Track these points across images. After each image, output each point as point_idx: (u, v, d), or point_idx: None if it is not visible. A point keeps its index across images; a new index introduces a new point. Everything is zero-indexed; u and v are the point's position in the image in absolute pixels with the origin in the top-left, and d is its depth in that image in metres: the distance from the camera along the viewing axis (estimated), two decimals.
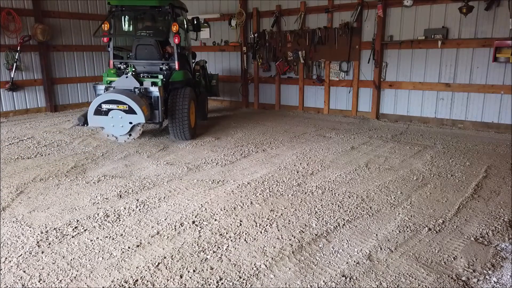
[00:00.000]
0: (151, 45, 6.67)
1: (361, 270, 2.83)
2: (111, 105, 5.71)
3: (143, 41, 6.75)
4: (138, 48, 6.73)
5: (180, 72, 6.63)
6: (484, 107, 7.37)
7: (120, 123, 5.76)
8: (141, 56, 6.75)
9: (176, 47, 6.58)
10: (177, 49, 6.58)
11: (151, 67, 6.75)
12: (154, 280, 2.74)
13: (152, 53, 6.69)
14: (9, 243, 3.27)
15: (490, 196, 4.19)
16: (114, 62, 6.88)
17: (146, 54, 6.72)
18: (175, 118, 6.39)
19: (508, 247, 3.13)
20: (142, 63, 6.75)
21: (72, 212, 3.87)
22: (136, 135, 5.92)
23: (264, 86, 10.20)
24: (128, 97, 5.66)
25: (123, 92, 5.81)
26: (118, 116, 5.72)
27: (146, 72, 6.67)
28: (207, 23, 10.54)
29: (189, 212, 3.84)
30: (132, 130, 5.87)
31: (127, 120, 5.73)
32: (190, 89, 6.65)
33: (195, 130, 7.06)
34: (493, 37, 7.00)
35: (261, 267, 2.88)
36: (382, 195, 4.24)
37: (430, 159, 5.55)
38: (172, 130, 6.54)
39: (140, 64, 6.73)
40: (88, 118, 5.84)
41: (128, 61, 6.79)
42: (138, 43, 6.72)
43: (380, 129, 7.64)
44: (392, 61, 8.20)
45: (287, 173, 5.02)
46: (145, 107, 5.81)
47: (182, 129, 6.46)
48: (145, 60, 6.73)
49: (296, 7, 9.13)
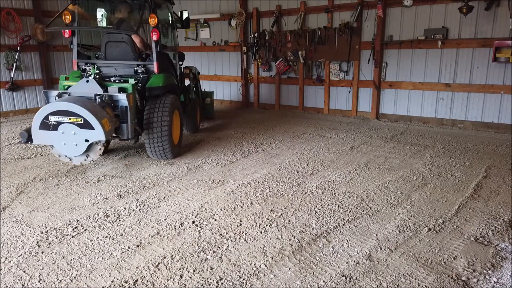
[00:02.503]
0: (124, 42, 5.50)
1: (361, 270, 2.83)
2: (61, 117, 4.43)
3: (114, 37, 5.55)
4: (109, 46, 5.58)
5: (159, 76, 5.43)
6: (484, 107, 7.37)
7: (73, 141, 4.50)
8: (112, 56, 5.60)
9: (155, 45, 5.39)
10: (156, 48, 5.42)
11: (125, 69, 5.58)
12: (154, 280, 2.75)
13: (125, 52, 5.54)
14: (9, 243, 3.27)
15: (490, 196, 4.19)
16: (79, 62, 5.67)
17: (118, 53, 5.56)
18: (152, 133, 5.22)
19: (508, 247, 3.13)
20: (113, 64, 5.58)
21: (72, 212, 3.87)
22: (95, 156, 4.66)
23: (264, 86, 10.20)
24: (83, 107, 4.39)
25: (78, 100, 4.51)
26: (70, 131, 4.45)
27: (119, 75, 5.47)
28: (207, 23, 10.64)
29: (189, 212, 3.84)
30: (90, 150, 4.60)
31: (82, 137, 4.47)
32: (173, 98, 5.50)
33: (179, 147, 5.89)
34: (493, 37, 6.99)
35: (261, 267, 2.88)
36: (382, 195, 4.24)
37: (430, 159, 5.55)
38: (149, 147, 5.36)
39: (110, 66, 5.58)
40: (33, 133, 4.58)
41: (96, 62, 5.61)
42: (108, 40, 5.56)
43: (380, 129, 7.64)
44: (392, 61, 8.20)
45: (287, 173, 5.02)
46: (106, 120, 4.52)
47: (161, 146, 5.30)
48: (116, 60, 5.57)
49: (296, 7, 9.12)
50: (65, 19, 5.47)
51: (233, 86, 10.70)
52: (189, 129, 7.17)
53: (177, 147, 5.76)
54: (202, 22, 10.63)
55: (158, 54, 5.47)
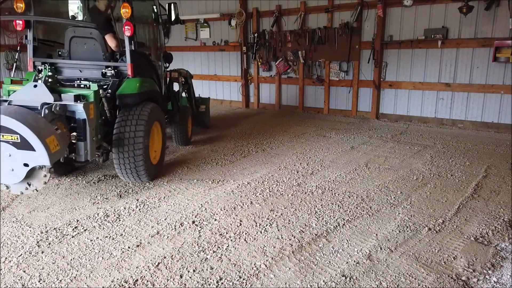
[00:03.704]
0: (93, 39, 4.59)
1: (361, 270, 2.83)
2: None
3: (81, 32, 4.62)
4: (73, 43, 4.65)
5: (134, 81, 4.47)
6: (484, 107, 7.37)
7: (8, 165, 3.46)
8: (77, 55, 4.69)
9: (129, 42, 4.42)
10: (130, 45, 4.43)
11: (92, 71, 4.66)
12: (154, 280, 2.75)
13: (93, 50, 4.62)
14: (9, 243, 3.27)
15: (490, 196, 4.19)
16: (36, 62, 4.70)
17: (86, 51, 4.64)
18: (122, 151, 4.29)
19: (508, 247, 3.13)
20: (78, 65, 4.67)
21: (72, 212, 3.87)
22: (39, 185, 3.59)
23: (264, 86, 10.20)
24: (21, 121, 3.35)
25: (14, 112, 3.47)
26: (5, 152, 3.42)
27: (84, 79, 4.57)
28: (207, 23, 10.64)
29: (189, 212, 3.84)
30: (32, 177, 3.55)
31: (19, 160, 3.43)
32: (152, 107, 4.56)
33: (160, 166, 4.94)
34: (493, 37, 6.99)
35: (261, 267, 2.88)
36: (382, 195, 4.24)
37: (430, 159, 5.55)
38: (118, 168, 4.41)
39: (74, 67, 4.68)
40: None
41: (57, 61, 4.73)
42: (74, 35, 4.65)
43: (380, 129, 7.64)
44: (392, 61, 8.19)
45: (287, 173, 5.02)
46: (54, 138, 3.49)
47: (133, 167, 4.37)
48: (82, 60, 4.67)
49: (296, 7, 9.12)
50: (17, 8, 4.42)
51: (233, 86, 10.69)
52: (179, 142, 6.29)
53: (156, 167, 4.79)
54: (202, 22, 10.63)
55: (133, 53, 4.49)
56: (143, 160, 4.37)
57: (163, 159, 5.06)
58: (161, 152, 4.98)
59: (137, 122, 4.32)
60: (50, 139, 3.47)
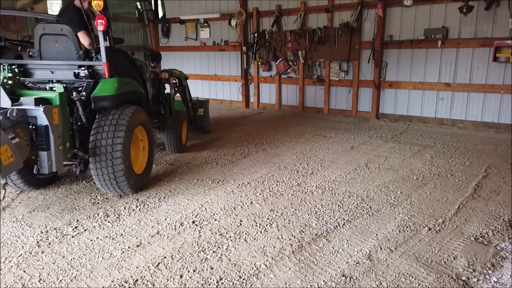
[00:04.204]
0: (65, 36, 4.16)
1: (361, 270, 2.83)
2: None
3: (51, 29, 4.21)
4: (44, 41, 4.25)
5: (111, 82, 4.04)
6: (484, 107, 7.37)
7: None
8: (48, 54, 4.28)
9: (104, 38, 3.95)
10: (104, 42, 3.96)
11: (64, 72, 4.21)
12: (154, 280, 2.75)
13: (65, 49, 4.21)
14: (9, 243, 3.27)
15: (490, 196, 4.19)
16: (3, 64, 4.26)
17: (57, 50, 4.24)
18: (100, 160, 3.88)
19: (508, 247, 3.13)
20: (49, 65, 4.23)
21: (72, 212, 3.87)
22: None
23: (264, 86, 10.20)
24: None
25: None
26: None
27: (58, 80, 4.17)
28: (207, 22, 10.64)
29: (189, 212, 3.84)
30: None
31: None
32: (134, 110, 4.15)
33: (146, 176, 4.51)
34: (493, 36, 6.99)
35: (261, 267, 2.88)
36: (382, 195, 4.24)
37: (430, 158, 5.55)
38: (96, 178, 3.99)
39: (46, 67, 4.25)
40: None
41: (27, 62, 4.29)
42: (44, 32, 4.22)
43: (380, 128, 7.64)
44: (392, 61, 8.19)
45: (287, 172, 5.02)
46: (7, 147, 3.07)
47: (112, 178, 3.95)
48: (54, 60, 4.25)
49: (296, 7, 9.12)
50: None
51: (233, 86, 10.69)
52: (171, 149, 5.82)
53: (141, 177, 4.38)
54: (202, 22, 10.63)
55: (109, 51, 4.03)
56: (124, 170, 3.93)
57: (150, 167, 4.64)
58: (148, 160, 4.54)
59: (115, 128, 3.90)
60: (2, 149, 3.02)
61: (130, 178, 4.08)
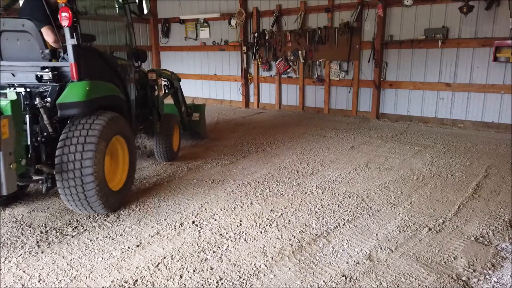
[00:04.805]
0: (27, 33, 3.65)
1: (361, 270, 2.83)
2: None
3: (11, 25, 3.70)
4: (4, 39, 3.73)
5: (79, 86, 3.52)
6: (484, 107, 7.36)
7: None
8: (10, 54, 3.77)
9: (70, 35, 3.42)
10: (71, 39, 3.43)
11: (28, 74, 3.61)
12: (154, 280, 2.74)
13: (28, 47, 3.70)
14: (9, 243, 3.27)
15: (490, 196, 4.19)
16: None
17: (19, 50, 3.73)
18: (67, 178, 3.37)
19: (508, 247, 3.13)
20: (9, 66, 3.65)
21: (72, 212, 3.86)
22: None
23: (264, 85, 10.20)
24: None
25: None
26: None
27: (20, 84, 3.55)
28: (207, 22, 10.63)
29: (189, 212, 3.83)
30: None
31: None
32: (110, 118, 3.64)
33: (124, 192, 3.99)
34: (493, 36, 6.99)
35: (261, 267, 2.88)
36: (382, 195, 4.24)
37: (430, 158, 5.55)
38: (64, 195, 3.48)
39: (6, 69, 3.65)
40: None
41: None
42: (3, 29, 3.69)
43: (380, 128, 7.63)
44: (392, 60, 8.19)
45: (287, 172, 5.02)
46: None
47: (83, 198, 3.45)
48: (15, 60, 3.70)
49: (296, 7, 9.12)
50: None
51: (233, 86, 10.69)
52: (161, 157, 5.34)
53: (119, 194, 3.86)
54: (202, 22, 10.63)
55: (77, 50, 3.48)
56: (96, 188, 3.42)
57: (130, 182, 4.10)
58: (128, 174, 4.00)
59: (85, 140, 3.38)
60: None
61: (104, 196, 3.55)
